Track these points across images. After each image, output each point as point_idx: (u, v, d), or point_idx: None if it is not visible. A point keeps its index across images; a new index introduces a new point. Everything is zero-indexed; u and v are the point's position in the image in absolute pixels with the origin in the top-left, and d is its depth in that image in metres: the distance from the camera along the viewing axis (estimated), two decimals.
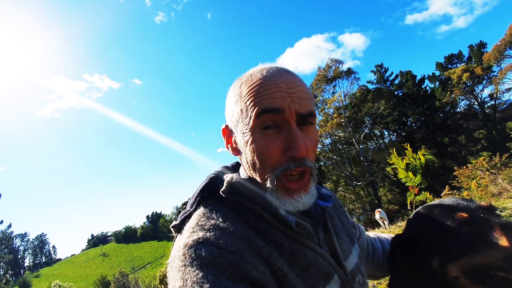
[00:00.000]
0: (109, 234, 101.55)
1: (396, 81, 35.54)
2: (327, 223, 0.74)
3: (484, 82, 29.51)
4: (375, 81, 35.90)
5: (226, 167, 0.79)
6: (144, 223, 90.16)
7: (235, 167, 0.79)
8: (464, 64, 31.51)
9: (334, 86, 32.28)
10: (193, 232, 0.55)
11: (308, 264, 0.61)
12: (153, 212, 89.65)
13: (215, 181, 0.69)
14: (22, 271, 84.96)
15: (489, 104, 31.14)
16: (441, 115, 33.08)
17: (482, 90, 30.57)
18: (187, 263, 0.50)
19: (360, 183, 29.99)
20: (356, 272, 0.74)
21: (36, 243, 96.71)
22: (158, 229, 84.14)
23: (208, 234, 0.54)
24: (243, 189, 0.64)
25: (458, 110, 33.20)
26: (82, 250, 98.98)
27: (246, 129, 0.61)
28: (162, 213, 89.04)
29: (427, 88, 34.92)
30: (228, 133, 0.70)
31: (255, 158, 0.60)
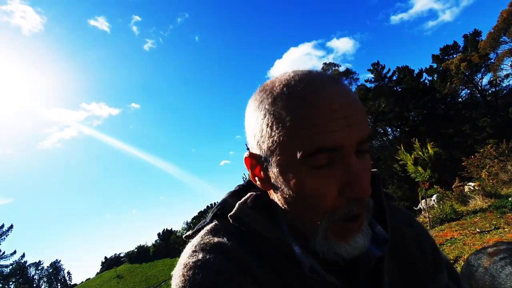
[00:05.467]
0: (122, 255, 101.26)
1: (394, 77, 35.67)
2: (382, 277, 0.54)
3: (482, 70, 29.53)
4: (373, 80, 36.06)
5: (242, 188, 0.66)
6: (155, 241, 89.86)
7: (248, 188, 0.66)
8: (460, 54, 31.60)
9: None
10: (194, 251, 0.51)
11: None
12: (164, 229, 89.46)
13: (236, 198, 0.60)
14: None
15: (489, 92, 31.07)
16: (443, 106, 33.03)
17: (481, 78, 30.58)
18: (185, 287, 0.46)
19: None
20: None
21: (50, 270, 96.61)
22: (170, 245, 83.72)
23: (208, 256, 0.48)
24: (251, 222, 0.54)
25: (459, 100, 33.16)
26: (97, 274, 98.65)
27: (291, 166, 0.47)
28: (172, 229, 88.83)
29: (426, 81, 35.01)
30: (254, 162, 0.54)
31: (304, 201, 0.47)
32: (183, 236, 0.61)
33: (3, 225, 36.39)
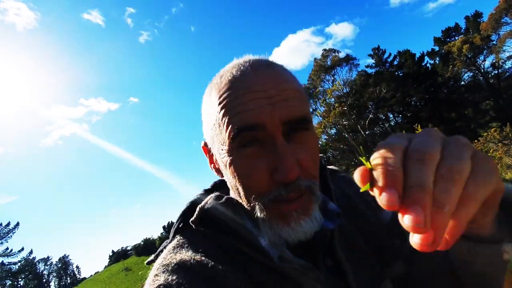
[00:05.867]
0: (128, 248, 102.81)
1: (395, 62, 35.15)
2: (335, 248, 0.56)
3: (484, 52, 29.00)
4: (373, 65, 35.56)
5: (218, 185, 0.67)
6: (161, 233, 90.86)
7: (220, 186, 0.66)
8: (462, 36, 30.99)
9: (334, 75, 32.13)
10: (156, 275, 0.47)
11: None
12: (169, 222, 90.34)
13: (196, 205, 0.57)
14: None
15: (492, 74, 30.58)
16: (445, 90, 32.60)
17: (484, 60, 30.06)
18: None
19: None
20: None
21: (59, 265, 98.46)
22: None
23: (170, 278, 0.44)
24: (217, 218, 0.52)
25: (462, 83, 32.70)
26: (105, 267, 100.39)
27: (223, 150, 0.48)
28: None
29: (428, 65, 34.49)
30: (208, 151, 0.58)
31: (237, 183, 0.48)
32: (145, 262, 0.57)
33: (9, 223, 36.85)
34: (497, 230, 0.40)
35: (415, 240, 0.27)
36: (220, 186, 0.64)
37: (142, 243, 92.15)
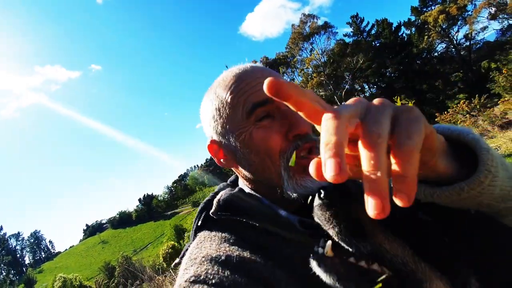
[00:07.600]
0: (103, 221, 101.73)
1: (373, 31, 34.68)
2: None
3: (459, 22, 29.15)
4: (351, 34, 34.91)
5: (227, 185, 0.73)
6: (137, 206, 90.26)
7: (235, 182, 0.73)
8: (439, 5, 30.79)
9: (312, 43, 31.26)
10: (185, 269, 0.52)
11: None
12: (145, 195, 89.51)
13: (211, 204, 0.63)
14: (24, 269, 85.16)
15: (464, 46, 31.09)
16: (419, 62, 32.95)
17: (458, 31, 30.35)
18: None
19: None
20: None
21: (32, 240, 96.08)
22: (152, 210, 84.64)
23: (199, 270, 0.49)
24: (234, 204, 0.59)
25: (435, 54, 33.10)
26: (80, 241, 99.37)
27: (240, 128, 0.59)
28: (153, 194, 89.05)
29: (404, 35, 34.35)
30: (216, 147, 0.66)
31: (259, 152, 0.58)
32: (172, 265, 0.62)
33: None
34: (457, 168, 0.38)
35: (370, 210, 0.25)
36: (237, 182, 0.73)
37: (118, 216, 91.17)
